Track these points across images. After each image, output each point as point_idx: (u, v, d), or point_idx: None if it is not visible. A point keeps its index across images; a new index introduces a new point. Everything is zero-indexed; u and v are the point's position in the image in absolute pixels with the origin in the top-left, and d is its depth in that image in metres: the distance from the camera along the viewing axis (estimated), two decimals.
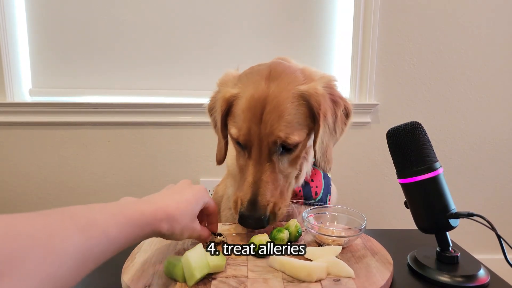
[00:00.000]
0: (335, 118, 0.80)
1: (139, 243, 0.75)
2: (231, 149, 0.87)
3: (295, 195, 0.88)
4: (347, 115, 0.84)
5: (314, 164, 0.90)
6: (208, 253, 0.63)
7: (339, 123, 0.81)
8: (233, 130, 0.77)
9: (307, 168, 0.87)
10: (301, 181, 0.87)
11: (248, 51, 1.61)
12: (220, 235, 0.73)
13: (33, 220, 0.40)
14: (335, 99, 0.79)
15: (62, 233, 0.41)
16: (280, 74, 0.76)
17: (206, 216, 0.72)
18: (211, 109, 0.87)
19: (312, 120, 0.77)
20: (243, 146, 0.77)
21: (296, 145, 0.76)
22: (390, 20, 1.59)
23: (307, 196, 0.88)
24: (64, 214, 0.44)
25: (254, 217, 0.72)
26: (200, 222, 0.68)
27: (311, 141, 0.81)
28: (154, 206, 0.56)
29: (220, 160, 0.88)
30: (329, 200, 0.93)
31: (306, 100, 0.75)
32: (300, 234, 0.75)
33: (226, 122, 0.82)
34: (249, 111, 0.74)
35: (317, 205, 0.88)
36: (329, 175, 0.94)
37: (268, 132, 0.73)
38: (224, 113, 0.80)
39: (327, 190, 0.92)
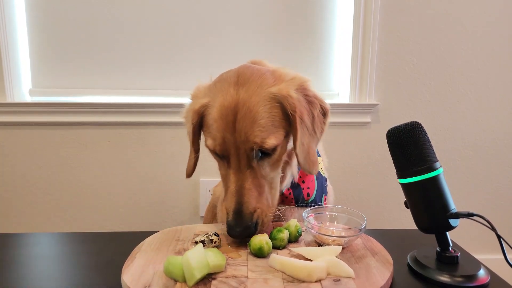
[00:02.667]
0: (313, 119, 0.78)
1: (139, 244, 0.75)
2: None
3: (285, 198, 0.87)
4: (324, 114, 0.81)
5: None
6: (208, 253, 0.63)
7: (318, 123, 0.79)
8: (208, 142, 0.75)
9: (291, 171, 0.85)
10: (285, 184, 0.85)
11: (248, 51, 1.61)
12: (216, 235, 0.73)
13: None
14: (310, 100, 0.78)
15: None
16: (249, 79, 0.74)
17: None
18: (186, 121, 0.85)
19: (287, 121, 0.75)
20: (221, 156, 0.76)
21: (274, 149, 0.73)
22: (390, 20, 1.59)
23: (298, 198, 0.87)
24: None
25: (241, 226, 0.70)
26: None
27: (291, 143, 0.79)
28: None
29: (189, 174, 0.85)
30: (324, 201, 0.91)
31: (279, 102, 0.73)
32: (300, 234, 0.75)
33: (199, 134, 0.81)
34: (221, 120, 0.72)
35: (310, 206, 0.87)
36: (323, 174, 0.93)
37: (243, 139, 0.71)
38: (196, 125, 0.79)
39: (322, 191, 0.91)
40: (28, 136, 1.58)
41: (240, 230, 0.71)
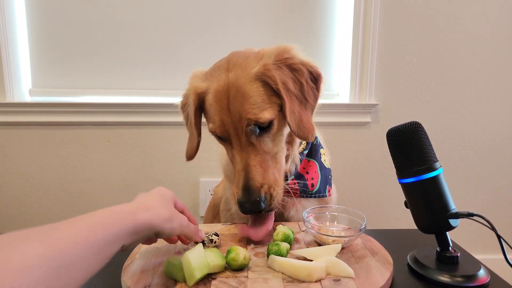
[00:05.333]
0: (301, 86, 0.80)
1: (137, 244, 0.75)
2: (223, 149, 0.86)
3: (290, 188, 0.87)
4: (315, 79, 0.83)
5: (307, 155, 0.90)
6: (208, 253, 0.63)
7: (308, 89, 0.81)
8: (210, 125, 0.80)
9: (292, 157, 0.86)
10: (289, 167, 0.86)
11: None
12: (216, 235, 0.73)
13: None
14: (296, 67, 0.80)
15: (21, 245, 0.40)
16: (236, 63, 0.78)
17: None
18: (183, 106, 0.88)
19: (278, 97, 0.77)
20: (223, 139, 0.79)
21: (271, 123, 0.76)
22: (390, 20, 1.59)
23: (302, 189, 0.88)
24: (22, 231, 0.43)
25: (250, 201, 0.73)
26: None
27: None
28: (126, 205, 0.56)
29: (191, 156, 0.88)
30: (329, 192, 0.92)
31: (262, 80, 0.76)
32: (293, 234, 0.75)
33: (200, 117, 0.84)
34: (217, 104, 0.76)
35: (314, 197, 0.88)
36: (327, 166, 0.93)
37: (238, 118, 0.74)
38: (197, 106, 0.82)
39: (326, 182, 0.91)
40: (28, 136, 1.58)
41: (250, 205, 0.73)
